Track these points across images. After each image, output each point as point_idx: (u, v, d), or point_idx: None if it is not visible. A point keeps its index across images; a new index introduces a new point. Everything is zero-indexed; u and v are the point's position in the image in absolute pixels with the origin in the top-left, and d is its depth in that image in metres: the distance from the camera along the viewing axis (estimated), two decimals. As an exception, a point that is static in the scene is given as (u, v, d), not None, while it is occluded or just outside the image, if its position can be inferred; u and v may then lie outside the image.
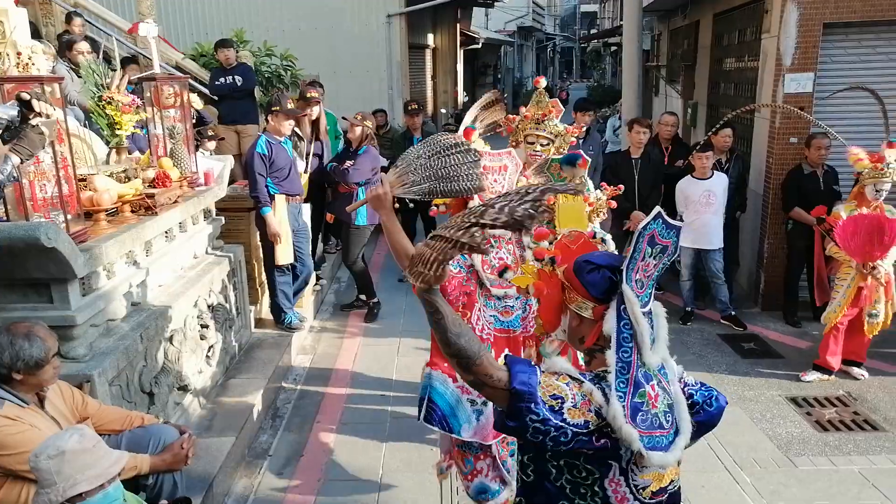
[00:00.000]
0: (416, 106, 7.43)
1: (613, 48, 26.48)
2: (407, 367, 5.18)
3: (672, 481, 1.82)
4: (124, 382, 3.30)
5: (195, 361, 4.09)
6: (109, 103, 4.04)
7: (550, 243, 2.10)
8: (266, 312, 5.77)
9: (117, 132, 4.15)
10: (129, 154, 4.42)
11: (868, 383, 4.92)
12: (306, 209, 5.89)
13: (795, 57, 5.89)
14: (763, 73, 6.39)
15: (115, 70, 4.33)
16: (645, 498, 1.77)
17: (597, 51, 31.77)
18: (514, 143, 3.53)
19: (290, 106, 5.34)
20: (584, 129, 6.63)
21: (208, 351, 4.34)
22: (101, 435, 2.37)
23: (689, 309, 6.18)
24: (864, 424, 4.39)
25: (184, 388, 3.91)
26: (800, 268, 5.98)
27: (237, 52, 7.57)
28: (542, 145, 3.32)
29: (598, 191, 3.36)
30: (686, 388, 1.86)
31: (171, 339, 3.80)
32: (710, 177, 5.90)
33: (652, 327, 1.76)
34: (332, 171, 5.90)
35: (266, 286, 5.66)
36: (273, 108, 5.22)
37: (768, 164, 6.27)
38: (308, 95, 6.27)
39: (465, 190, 1.98)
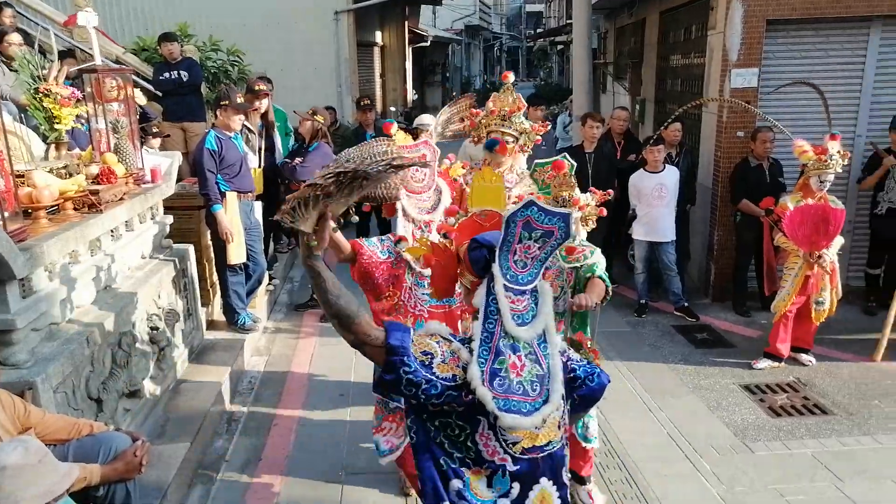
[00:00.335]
0: (368, 101, 7.35)
1: (560, 47, 26.83)
2: (366, 367, 5.08)
3: (550, 442, 1.96)
4: (70, 389, 3.13)
5: (145, 365, 3.91)
6: (47, 96, 3.83)
7: (457, 220, 2.17)
8: (218, 314, 5.60)
9: (56, 126, 3.93)
10: (69, 150, 4.20)
11: (816, 369, 5.07)
12: (258, 206, 5.73)
13: (741, 53, 6.04)
14: (710, 69, 6.53)
15: (52, 62, 4.11)
16: (516, 453, 1.92)
17: (543, 49, 32.12)
18: (475, 140, 3.49)
19: (240, 100, 5.19)
20: (549, 125, 6.77)
21: (159, 354, 4.16)
22: (46, 445, 2.23)
23: (643, 301, 6.27)
24: (814, 409, 4.52)
25: (134, 394, 3.74)
26: (748, 259, 6.13)
27: (182, 46, 7.33)
28: (506, 143, 3.31)
29: (588, 194, 3.27)
30: (569, 363, 2.04)
31: (119, 343, 3.62)
32: (662, 170, 6.00)
33: (536, 304, 1.92)
34: (282, 168, 5.77)
35: (218, 287, 5.49)
36: (222, 103, 5.06)
37: (716, 157, 6.41)
38: (256, 88, 6.10)
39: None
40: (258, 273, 5.54)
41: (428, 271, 3.06)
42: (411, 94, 18.27)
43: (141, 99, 5.60)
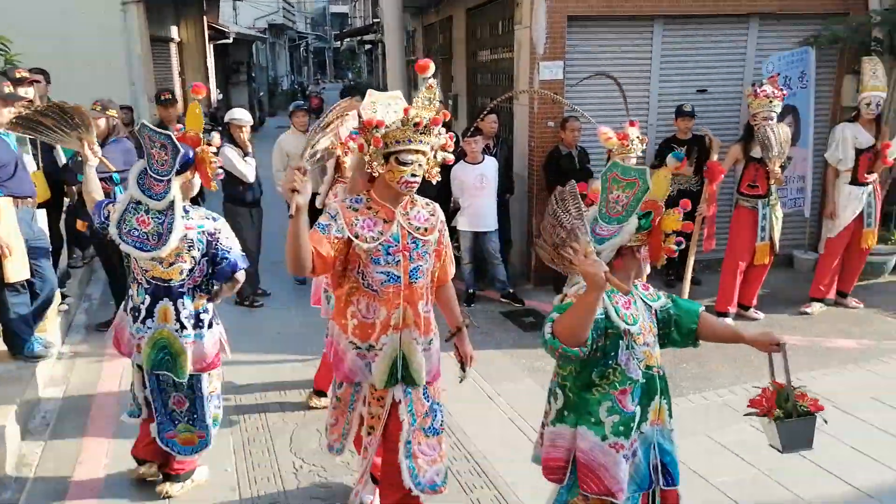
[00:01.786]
0: (170, 95, 6.71)
1: (368, 46, 26.85)
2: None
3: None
4: None
5: None
6: None
7: None
8: (-2, 342, 4.77)
9: None
10: None
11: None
12: (42, 214, 4.96)
13: (546, 46, 6.32)
14: (518, 63, 6.77)
15: None
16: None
17: (351, 49, 32.03)
18: (369, 168, 2.60)
19: (9, 90, 4.43)
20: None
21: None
22: None
23: (471, 291, 6.35)
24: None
25: None
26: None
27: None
28: (418, 166, 2.55)
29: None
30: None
31: None
32: (482, 161, 6.11)
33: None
34: (74, 167, 5.04)
35: (-6, 311, 4.66)
36: (-15, 95, 4.28)
37: (530, 147, 6.66)
38: (17, 76, 5.15)
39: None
40: (46, 291, 4.79)
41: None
42: (215, 94, 17.23)
43: None
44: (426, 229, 2.75)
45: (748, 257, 5.74)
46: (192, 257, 3.20)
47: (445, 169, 6.32)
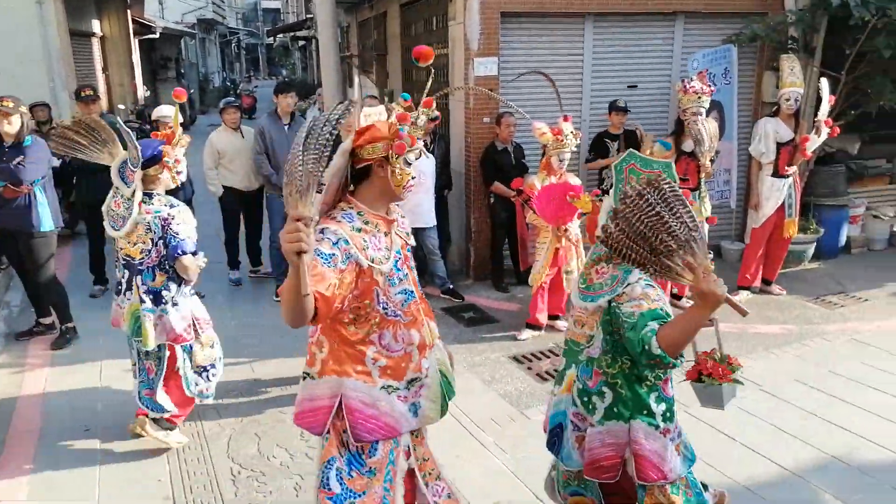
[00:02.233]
0: (91, 91, 6.40)
1: (301, 42, 26.42)
2: (116, 395, 4.44)
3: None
4: None
5: None
6: None
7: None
8: None
9: None
10: None
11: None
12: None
13: (481, 43, 6.34)
14: (453, 59, 6.77)
15: None
16: None
17: (285, 46, 31.45)
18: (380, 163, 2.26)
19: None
20: (291, 113, 6.46)
21: None
22: None
23: (411, 288, 6.31)
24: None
25: None
26: (503, 237, 6.50)
27: None
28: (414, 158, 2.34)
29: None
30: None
31: None
32: (419, 158, 6.07)
33: None
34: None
35: None
36: None
37: (467, 143, 6.68)
38: None
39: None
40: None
41: None
42: (142, 91, 16.61)
43: None
44: (408, 233, 2.51)
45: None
46: (151, 239, 3.63)
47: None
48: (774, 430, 4.01)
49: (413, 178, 2.30)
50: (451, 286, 6.34)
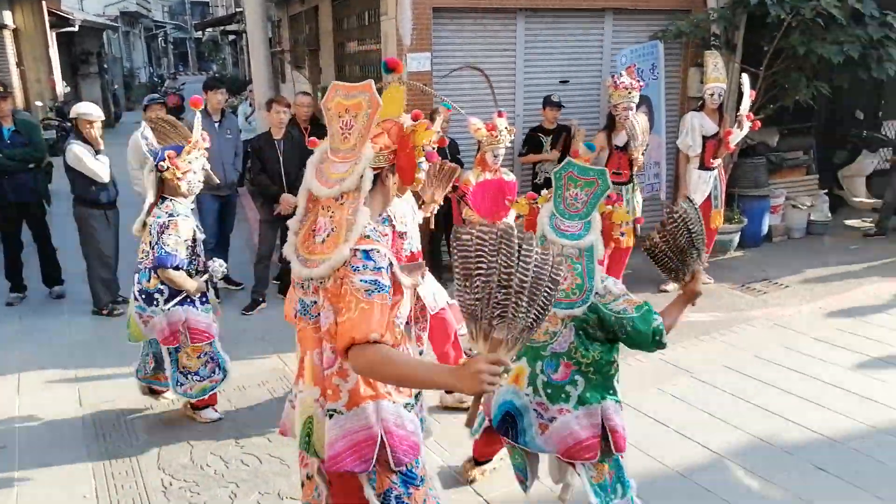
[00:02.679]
0: (3, 88, 6.07)
1: (232, 37, 25.76)
2: (35, 407, 4.23)
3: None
4: None
5: None
6: None
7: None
8: None
9: None
10: None
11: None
12: None
13: (413, 38, 6.30)
14: (386, 54, 6.71)
15: None
16: None
17: (214, 40, 30.58)
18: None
19: None
20: (221, 110, 6.27)
21: None
22: None
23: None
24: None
25: None
26: (440, 233, 6.48)
27: None
28: None
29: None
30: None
31: None
32: (353, 154, 6.00)
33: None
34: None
35: None
36: None
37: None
38: None
39: None
40: None
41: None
42: (61, 87, 15.86)
43: None
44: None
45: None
46: (150, 242, 3.75)
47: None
48: (704, 415, 4.15)
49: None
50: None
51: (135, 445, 3.89)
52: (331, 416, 2.01)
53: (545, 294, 1.75)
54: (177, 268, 3.70)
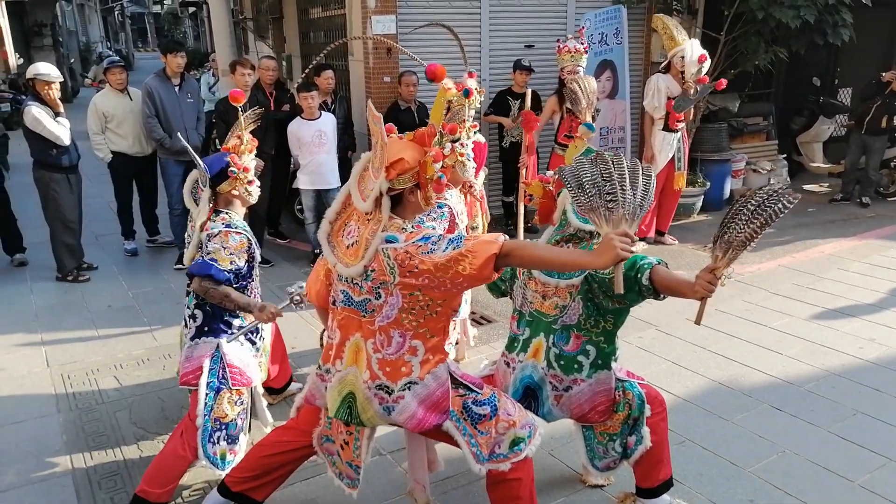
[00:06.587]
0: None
1: (192, 10, 25.17)
2: (0, 369, 4.18)
3: None
4: None
5: None
6: None
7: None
8: None
9: None
10: None
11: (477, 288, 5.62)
12: None
13: (378, 0, 6.26)
14: (351, 18, 6.66)
15: None
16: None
17: (174, 14, 29.83)
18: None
19: None
20: (181, 73, 6.17)
21: None
22: None
23: (317, 251, 6.24)
24: (481, 321, 5.03)
25: None
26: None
27: None
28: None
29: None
30: None
31: None
32: (319, 117, 5.97)
33: None
34: None
35: None
36: None
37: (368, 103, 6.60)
38: None
39: None
40: None
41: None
42: (14, 59, 15.37)
43: None
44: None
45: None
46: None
47: (282, 125, 6.16)
48: (667, 363, 4.29)
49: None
50: (358, 248, 6.30)
51: (106, 402, 3.88)
52: (408, 389, 2.33)
53: (635, 178, 2.22)
54: (220, 282, 2.95)
